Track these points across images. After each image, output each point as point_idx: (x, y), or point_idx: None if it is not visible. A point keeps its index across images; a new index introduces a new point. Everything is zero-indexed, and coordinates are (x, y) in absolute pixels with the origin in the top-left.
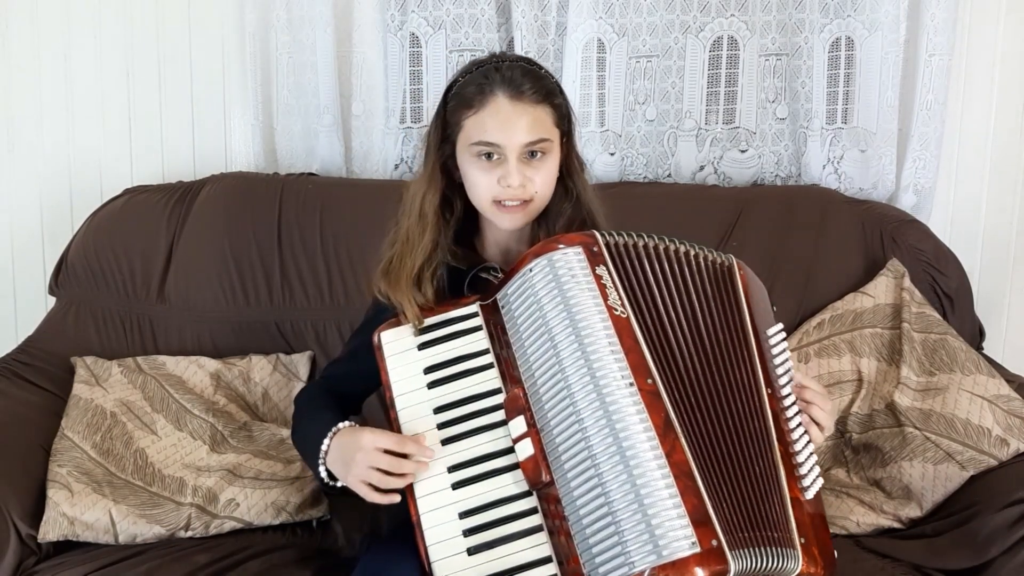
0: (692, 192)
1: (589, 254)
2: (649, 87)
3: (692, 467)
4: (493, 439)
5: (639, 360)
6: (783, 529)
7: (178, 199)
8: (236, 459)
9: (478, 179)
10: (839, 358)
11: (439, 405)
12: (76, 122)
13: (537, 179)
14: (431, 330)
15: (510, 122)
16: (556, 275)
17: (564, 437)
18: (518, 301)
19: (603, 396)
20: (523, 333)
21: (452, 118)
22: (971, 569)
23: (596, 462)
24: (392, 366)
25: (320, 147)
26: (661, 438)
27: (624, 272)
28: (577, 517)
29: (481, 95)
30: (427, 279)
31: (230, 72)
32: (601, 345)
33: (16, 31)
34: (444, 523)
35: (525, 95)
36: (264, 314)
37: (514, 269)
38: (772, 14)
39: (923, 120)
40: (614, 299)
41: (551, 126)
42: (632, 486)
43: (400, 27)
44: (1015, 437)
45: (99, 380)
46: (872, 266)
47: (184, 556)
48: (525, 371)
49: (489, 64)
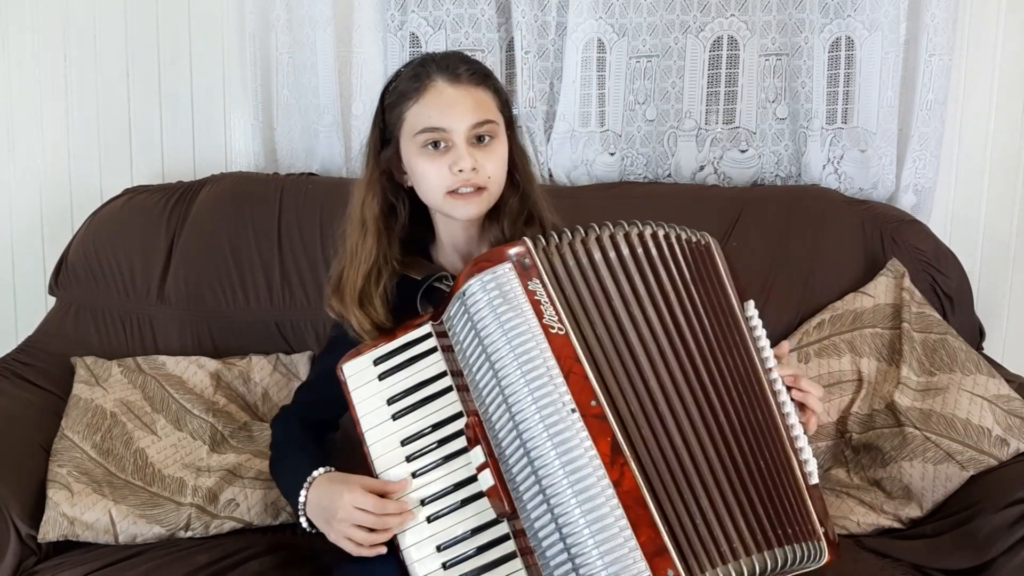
0: (692, 192)
1: (520, 269)
2: (649, 87)
3: (643, 494)
4: (460, 467)
5: (581, 382)
6: (804, 521)
7: (178, 199)
8: (236, 459)
9: (427, 170)
10: (839, 358)
11: (405, 437)
12: (76, 122)
13: (488, 164)
14: (388, 358)
15: (453, 104)
16: (488, 298)
17: (518, 468)
18: (459, 324)
19: (548, 426)
20: (469, 359)
21: (391, 115)
22: (971, 569)
23: (547, 496)
24: (357, 400)
25: (320, 147)
26: (608, 467)
27: (561, 281)
28: (540, 549)
29: (419, 83)
30: (375, 293)
31: (230, 72)
32: (540, 371)
33: (16, 31)
34: (425, 557)
35: (463, 77)
36: (264, 314)
37: (454, 287)
38: (772, 14)
39: (923, 120)
40: (550, 316)
41: (495, 110)
42: (584, 520)
43: (400, 27)
44: (1015, 437)
45: (99, 380)
46: (872, 266)
47: (184, 556)
48: (476, 398)
49: (423, 57)
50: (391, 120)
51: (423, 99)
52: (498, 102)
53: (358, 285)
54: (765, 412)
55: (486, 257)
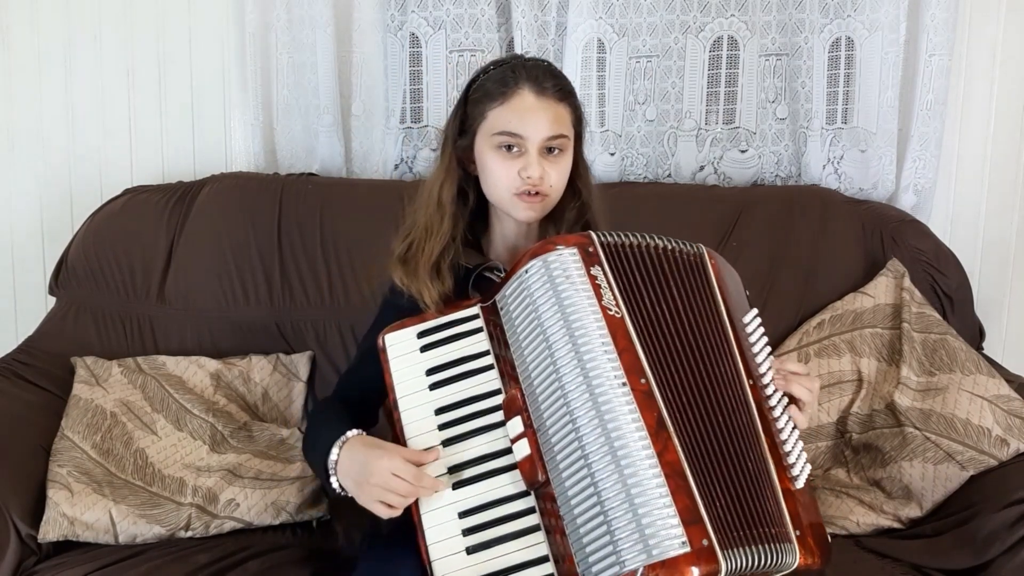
0: (692, 192)
1: (584, 255)
2: (649, 87)
3: (684, 466)
4: (493, 439)
5: (633, 360)
6: (778, 524)
7: (178, 199)
8: (236, 459)
9: (498, 170)
10: (839, 358)
11: (440, 406)
12: (76, 122)
13: (554, 174)
14: (433, 332)
15: (534, 115)
16: (551, 277)
17: (559, 437)
18: (515, 303)
19: (596, 396)
20: (520, 334)
21: (474, 110)
22: (971, 569)
23: (589, 462)
24: (395, 368)
25: (320, 147)
26: (653, 437)
27: (619, 272)
28: (571, 516)
29: (507, 88)
30: (446, 268)
31: (230, 72)
32: (595, 345)
33: (17, 31)
34: (444, 523)
35: (548, 92)
36: (264, 314)
37: (512, 270)
38: (772, 14)
39: (923, 120)
40: (608, 299)
41: (569, 125)
42: (623, 486)
43: (400, 27)
44: (1015, 437)
45: (99, 380)
46: (872, 266)
47: (184, 556)
48: (522, 372)
49: (514, 61)
50: (473, 114)
51: (508, 104)
52: (573, 118)
53: (433, 258)
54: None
55: (550, 242)
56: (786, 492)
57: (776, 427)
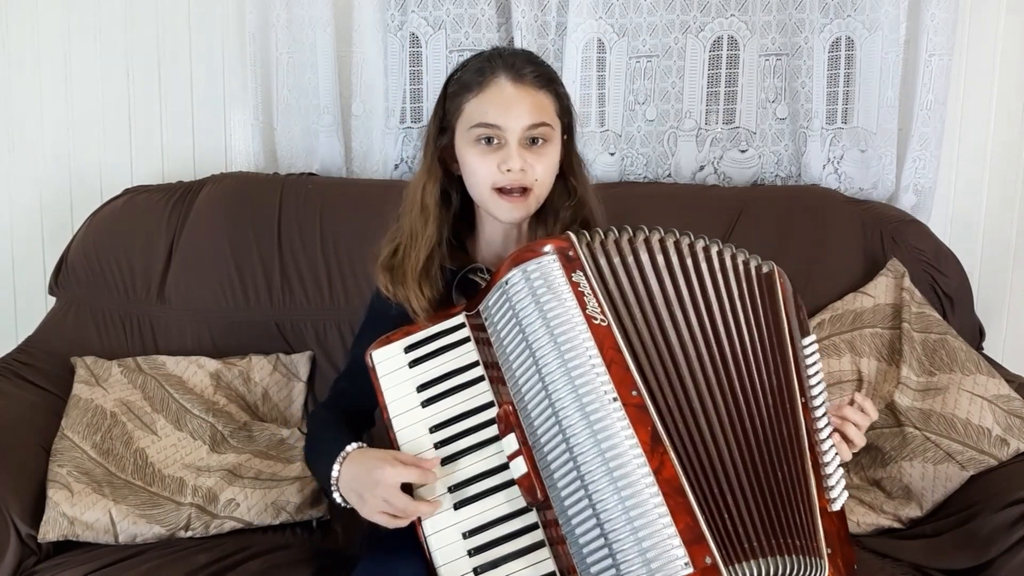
0: (692, 192)
1: (564, 260)
2: (649, 87)
3: (682, 482)
4: (490, 455)
5: (622, 372)
6: (809, 537)
7: (178, 199)
8: (236, 459)
9: (477, 165)
10: (839, 358)
11: (434, 424)
12: (76, 122)
13: (538, 167)
14: (420, 346)
15: (512, 104)
16: (531, 287)
17: (554, 456)
18: (498, 314)
19: (588, 415)
20: (507, 348)
21: (451, 104)
22: (971, 569)
23: (585, 483)
24: (386, 386)
25: (320, 147)
26: (648, 454)
27: (603, 276)
28: (573, 537)
29: (482, 78)
30: (434, 273)
31: (230, 72)
32: (582, 360)
33: (16, 31)
34: (450, 544)
35: (527, 79)
36: (264, 314)
37: (494, 278)
38: (772, 14)
39: (923, 120)
40: (593, 307)
41: (553, 114)
42: (622, 507)
43: (400, 27)
44: (1015, 437)
45: (99, 380)
46: (872, 266)
47: (184, 556)
48: (512, 386)
49: (492, 52)
50: (450, 109)
51: (484, 94)
52: (558, 107)
53: (420, 264)
54: (791, 431)
55: (529, 248)
56: (823, 511)
57: (821, 448)
